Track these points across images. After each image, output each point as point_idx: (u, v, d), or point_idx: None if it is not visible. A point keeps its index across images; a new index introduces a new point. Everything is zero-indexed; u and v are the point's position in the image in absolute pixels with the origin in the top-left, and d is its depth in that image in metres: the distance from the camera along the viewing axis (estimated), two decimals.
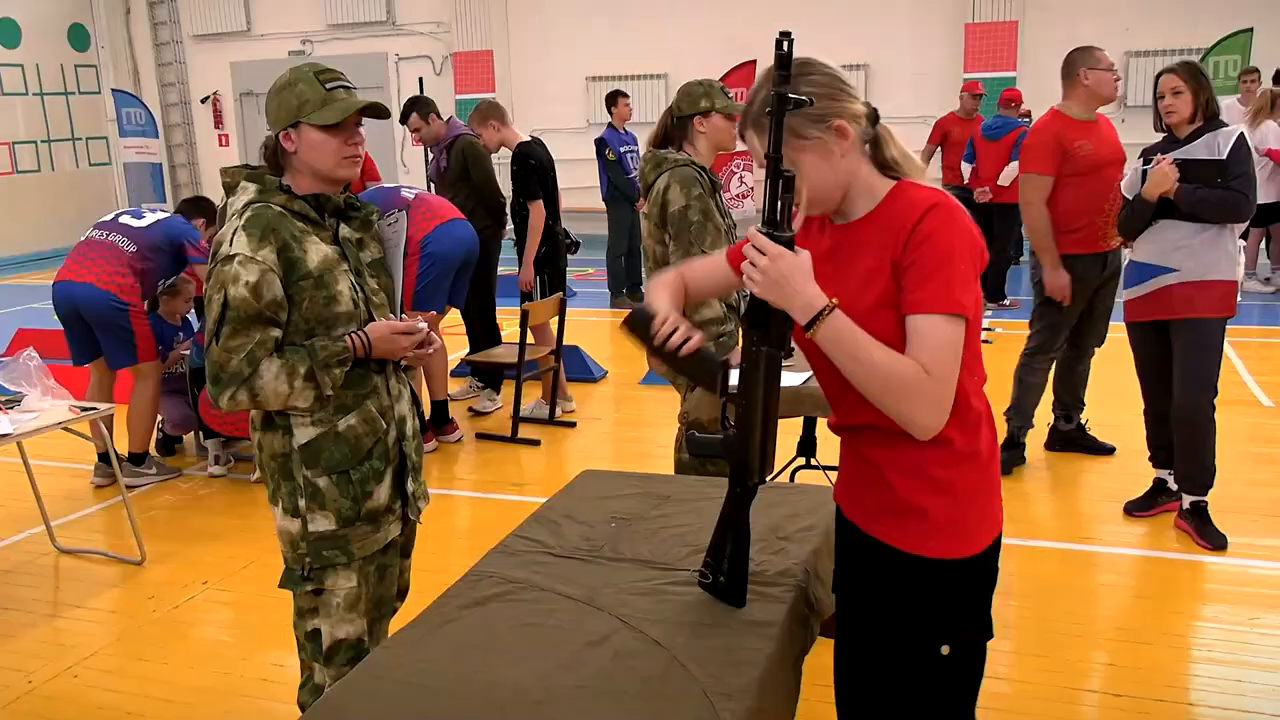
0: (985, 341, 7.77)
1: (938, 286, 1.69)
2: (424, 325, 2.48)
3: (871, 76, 12.28)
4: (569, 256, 6.57)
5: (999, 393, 6.39)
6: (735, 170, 12.43)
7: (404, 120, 6.45)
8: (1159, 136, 4.24)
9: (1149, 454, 4.53)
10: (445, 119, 6.45)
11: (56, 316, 5.14)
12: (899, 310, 1.73)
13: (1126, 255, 4.33)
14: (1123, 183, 4.27)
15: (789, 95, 1.70)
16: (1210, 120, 4.02)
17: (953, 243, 1.70)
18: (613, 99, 9.67)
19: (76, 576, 4.35)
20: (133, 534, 4.42)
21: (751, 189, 12.66)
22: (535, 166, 6.09)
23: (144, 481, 5.34)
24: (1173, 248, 4.06)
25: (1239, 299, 4.15)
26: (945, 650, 1.85)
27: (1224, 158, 3.93)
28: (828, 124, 1.77)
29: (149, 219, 5.21)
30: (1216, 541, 4.15)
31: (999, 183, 8.80)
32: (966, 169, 9.24)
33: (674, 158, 3.90)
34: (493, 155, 6.35)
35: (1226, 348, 7.23)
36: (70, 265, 5.04)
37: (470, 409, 6.54)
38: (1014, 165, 8.71)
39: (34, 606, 4.06)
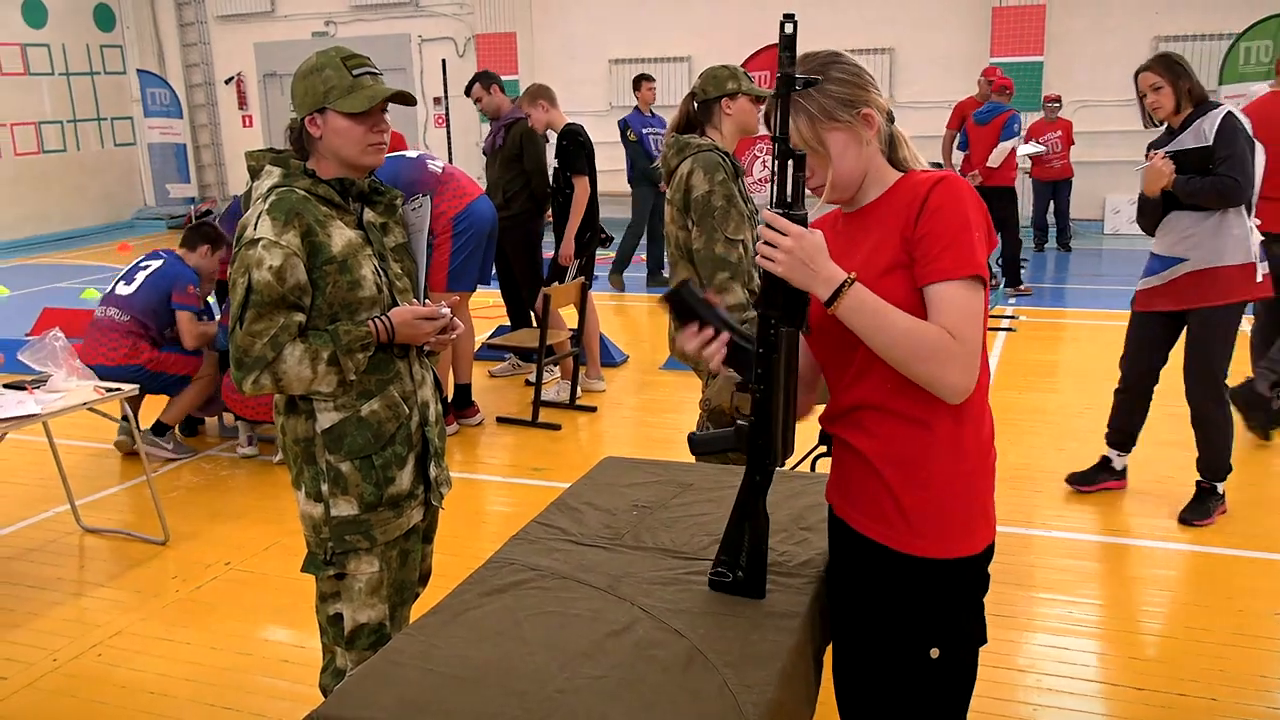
0: (1009, 330, 7.73)
1: (957, 252, 1.70)
2: (447, 310, 2.47)
3: (897, 60, 12.18)
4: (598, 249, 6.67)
5: (1046, 379, 6.36)
6: (758, 155, 12.37)
7: (468, 93, 6.55)
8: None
9: (1106, 431, 4.58)
10: (512, 99, 6.51)
11: None
12: (910, 276, 1.74)
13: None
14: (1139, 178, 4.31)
15: (797, 76, 1.72)
16: (1198, 106, 4.03)
17: (966, 212, 1.73)
18: (637, 83, 9.73)
19: (101, 556, 4.39)
20: (156, 514, 4.45)
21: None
22: (584, 144, 6.20)
23: (159, 454, 5.41)
24: (1180, 238, 4.10)
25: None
26: (935, 654, 1.83)
27: (1210, 143, 3.94)
28: (857, 110, 1.81)
29: (138, 280, 5.35)
30: (1186, 516, 4.25)
31: (988, 164, 8.76)
32: (959, 156, 9.22)
33: (697, 143, 3.87)
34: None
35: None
36: (86, 349, 5.18)
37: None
38: (1004, 145, 8.66)
39: (59, 585, 4.10)
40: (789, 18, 1.69)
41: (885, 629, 1.88)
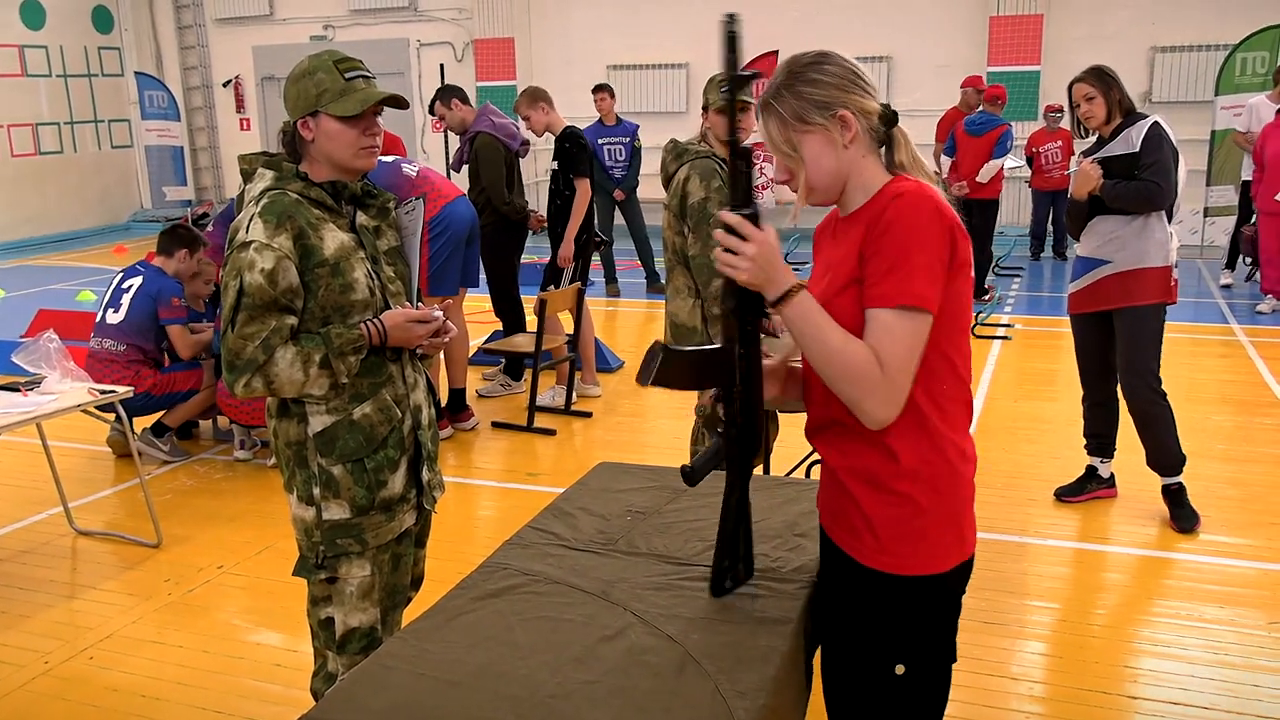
0: (1005, 338, 7.73)
1: (897, 279, 1.66)
2: (439, 313, 2.47)
3: (894, 68, 12.19)
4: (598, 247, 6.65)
5: (1043, 387, 6.37)
6: (755, 161, 12.39)
7: (431, 112, 6.52)
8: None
9: (1084, 442, 4.62)
10: (478, 108, 6.43)
11: None
12: (860, 293, 1.72)
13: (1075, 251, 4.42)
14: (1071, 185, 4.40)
15: (740, 75, 1.73)
16: (1128, 115, 4.16)
17: (913, 232, 1.67)
18: (594, 94, 9.77)
19: (93, 558, 4.38)
20: (149, 516, 4.44)
21: (772, 180, 12.59)
22: (585, 146, 6.20)
23: (155, 455, 5.41)
24: (1105, 240, 4.21)
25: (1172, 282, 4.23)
26: (900, 670, 1.82)
27: (1137, 150, 4.06)
28: (832, 112, 1.76)
29: (125, 304, 5.33)
30: (1184, 525, 4.29)
31: (978, 179, 8.75)
32: (946, 162, 9.20)
33: (695, 149, 3.89)
34: (537, 139, 6.38)
35: (1249, 350, 7.19)
36: None
37: (477, 391, 6.57)
38: (993, 163, 8.66)
39: (51, 588, 4.08)
40: (731, 18, 1.69)
41: (855, 641, 1.88)
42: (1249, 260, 9.51)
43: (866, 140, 1.79)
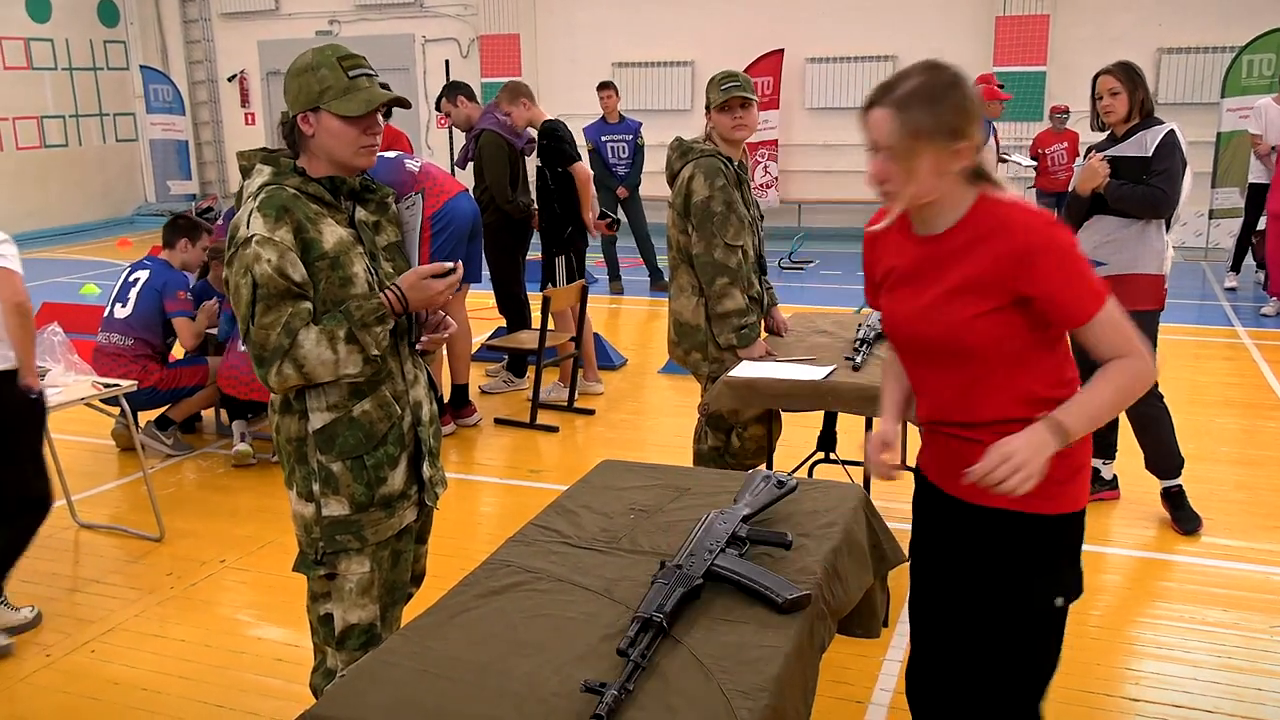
0: None
1: (1079, 291, 1.87)
2: (450, 265, 2.41)
3: (899, 69, 12.15)
4: (605, 236, 6.56)
5: None
6: (760, 160, 12.37)
7: (438, 108, 6.50)
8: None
9: None
10: (484, 105, 6.40)
11: None
12: (1017, 316, 1.90)
13: None
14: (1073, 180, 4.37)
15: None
16: (1146, 118, 4.13)
17: (1062, 248, 1.86)
18: (599, 92, 9.76)
19: (96, 551, 4.38)
20: (152, 510, 4.44)
21: (776, 179, 12.57)
22: (563, 137, 6.14)
23: (158, 448, 5.41)
24: (1102, 241, 4.18)
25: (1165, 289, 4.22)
26: (1059, 602, 2.05)
27: (1149, 154, 4.03)
28: (959, 142, 1.85)
29: (132, 299, 5.33)
30: (1187, 527, 4.29)
31: None
32: None
33: (700, 147, 3.88)
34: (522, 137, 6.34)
35: (1253, 352, 7.17)
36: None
37: (480, 387, 6.56)
38: None
39: (53, 581, 4.08)
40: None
41: (1016, 583, 2.05)
42: (1259, 270, 9.46)
43: (966, 168, 1.90)
